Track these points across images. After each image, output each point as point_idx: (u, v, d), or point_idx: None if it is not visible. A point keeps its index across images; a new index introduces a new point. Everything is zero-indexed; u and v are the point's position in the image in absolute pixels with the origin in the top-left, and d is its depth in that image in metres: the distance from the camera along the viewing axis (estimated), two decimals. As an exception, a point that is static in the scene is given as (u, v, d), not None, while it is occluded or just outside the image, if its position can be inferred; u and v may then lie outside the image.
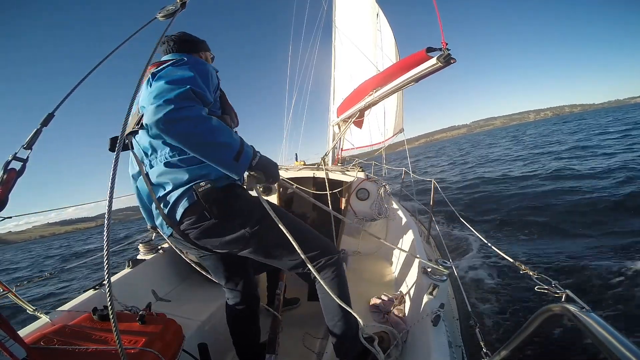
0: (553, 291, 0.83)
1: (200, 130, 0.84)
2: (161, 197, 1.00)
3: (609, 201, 5.58)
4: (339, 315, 1.16)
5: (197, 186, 0.96)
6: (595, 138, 16.80)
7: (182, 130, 0.83)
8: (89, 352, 0.91)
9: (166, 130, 0.82)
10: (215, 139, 0.87)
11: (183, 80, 0.89)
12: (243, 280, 1.33)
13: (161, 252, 1.93)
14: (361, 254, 2.51)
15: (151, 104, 0.83)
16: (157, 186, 1.00)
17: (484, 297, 3.30)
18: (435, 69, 1.63)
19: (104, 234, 0.63)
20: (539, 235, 4.91)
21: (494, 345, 0.84)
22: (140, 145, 1.04)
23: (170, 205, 0.98)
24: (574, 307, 0.58)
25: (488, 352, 0.95)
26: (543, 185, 7.75)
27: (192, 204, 0.96)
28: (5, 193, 0.74)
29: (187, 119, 0.82)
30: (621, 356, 0.45)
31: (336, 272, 1.17)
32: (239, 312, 1.34)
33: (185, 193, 0.97)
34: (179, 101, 0.83)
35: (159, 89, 0.86)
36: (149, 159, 1.02)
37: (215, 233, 1.02)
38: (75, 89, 0.94)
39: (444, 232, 5.22)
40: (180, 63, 0.98)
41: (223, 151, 0.89)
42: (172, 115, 0.81)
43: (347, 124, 3.13)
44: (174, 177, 0.97)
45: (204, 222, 0.99)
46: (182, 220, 0.98)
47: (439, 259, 1.36)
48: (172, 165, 0.97)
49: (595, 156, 10.72)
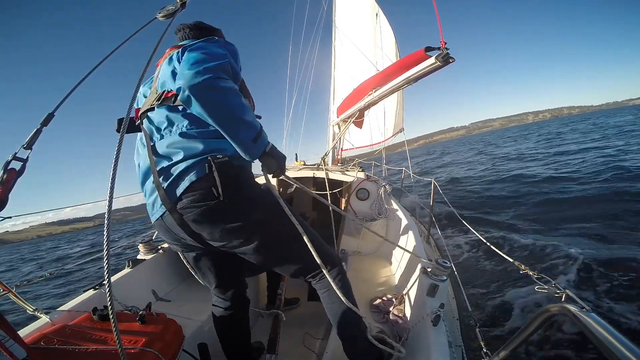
0: (553, 291, 0.83)
1: (231, 103, 0.84)
2: (164, 169, 0.92)
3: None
4: (352, 322, 1.13)
5: (214, 157, 0.90)
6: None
7: (217, 98, 0.82)
8: (89, 352, 0.91)
9: (200, 95, 0.80)
10: (242, 116, 0.86)
11: (220, 55, 0.91)
12: (235, 284, 1.26)
13: (161, 252, 1.93)
14: (361, 254, 2.51)
15: (189, 69, 0.82)
16: (163, 157, 0.94)
17: (484, 297, 3.30)
18: (434, 68, 1.64)
19: (104, 234, 0.63)
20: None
21: (494, 345, 0.84)
22: (154, 121, 1.00)
23: (174, 178, 0.90)
24: (574, 307, 0.58)
25: (488, 352, 0.95)
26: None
27: (201, 178, 0.89)
28: (5, 193, 0.74)
29: (222, 90, 0.82)
30: (621, 356, 0.44)
31: (342, 279, 1.15)
32: (228, 317, 1.26)
33: (196, 165, 0.90)
34: (219, 72, 0.83)
35: (196, 57, 0.86)
36: (163, 132, 0.97)
37: (219, 216, 0.93)
38: (75, 89, 0.94)
39: (444, 232, 5.22)
40: (212, 40, 0.98)
41: (246, 129, 0.88)
42: (210, 82, 0.80)
43: (347, 123, 3.13)
44: (188, 146, 0.92)
45: (209, 201, 0.89)
46: (182, 197, 0.89)
47: (439, 259, 1.36)
48: (188, 136, 0.93)
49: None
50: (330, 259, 1.14)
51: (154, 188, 0.93)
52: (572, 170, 9.15)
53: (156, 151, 0.96)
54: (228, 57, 0.92)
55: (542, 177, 8.90)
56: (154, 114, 1.00)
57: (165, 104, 0.96)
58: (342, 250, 2.57)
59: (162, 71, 1.02)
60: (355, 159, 4.46)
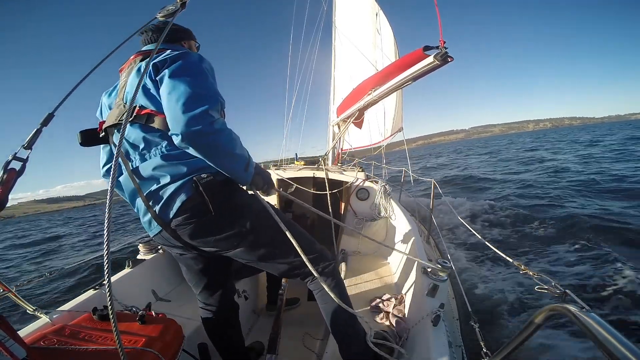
0: (553, 291, 0.83)
1: (224, 143, 0.86)
2: (152, 192, 0.94)
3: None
4: (344, 321, 1.13)
5: (199, 177, 0.92)
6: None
7: (212, 143, 0.84)
8: (89, 352, 0.91)
9: (197, 142, 0.82)
10: (233, 151, 0.90)
11: (210, 88, 0.89)
12: (221, 289, 1.25)
13: (161, 252, 1.93)
14: (361, 254, 2.51)
15: (182, 112, 0.80)
16: (149, 180, 0.94)
17: (484, 297, 3.30)
18: (433, 67, 1.64)
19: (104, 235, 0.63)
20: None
21: (494, 345, 0.84)
22: (129, 139, 0.97)
23: (164, 201, 0.92)
24: (574, 307, 0.58)
25: (488, 352, 0.95)
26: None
27: (190, 197, 0.91)
28: (5, 193, 0.74)
29: (217, 133, 0.83)
30: (621, 356, 0.44)
31: (335, 279, 1.15)
32: (216, 322, 1.26)
33: (184, 185, 0.92)
34: (213, 114, 0.83)
35: (185, 94, 0.83)
36: (140, 152, 0.96)
37: (211, 229, 0.97)
38: (75, 89, 0.93)
39: (444, 232, 5.22)
40: (187, 58, 0.92)
41: (237, 162, 0.93)
42: (207, 129, 0.81)
43: (346, 123, 3.13)
44: (173, 169, 0.93)
45: (200, 217, 0.94)
46: (175, 216, 0.92)
47: (439, 259, 1.36)
48: (171, 157, 0.93)
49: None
50: (322, 259, 1.14)
51: (146, 210, 0.95)
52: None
53: (139, 174, 0.96)
54: (217, 91, 0.90)
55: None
56: (128, 132, 0.96)
57: (138, 122, 0.94)
58: (342, 250, 2.57)
59: (129, 84, 0.98)
60: (355, 159, 4.46)
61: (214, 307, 1.25)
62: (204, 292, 1.24)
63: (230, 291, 1.32)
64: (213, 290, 1.24)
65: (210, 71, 0.96)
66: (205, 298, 1.25)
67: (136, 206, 1.02)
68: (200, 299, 1.27)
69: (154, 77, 0.91)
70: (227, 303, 1.28)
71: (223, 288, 1.26)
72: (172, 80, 0.86)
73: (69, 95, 0.93)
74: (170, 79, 0.87)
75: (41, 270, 6.65)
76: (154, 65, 0.91)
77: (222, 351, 1.32)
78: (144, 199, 0.93)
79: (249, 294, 2.01)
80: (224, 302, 1.27)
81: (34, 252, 10.79)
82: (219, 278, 1.25)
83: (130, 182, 0.95)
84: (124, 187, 1.03)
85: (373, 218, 2.66)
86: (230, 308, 1.31)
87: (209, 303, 1.25)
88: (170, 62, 0.91)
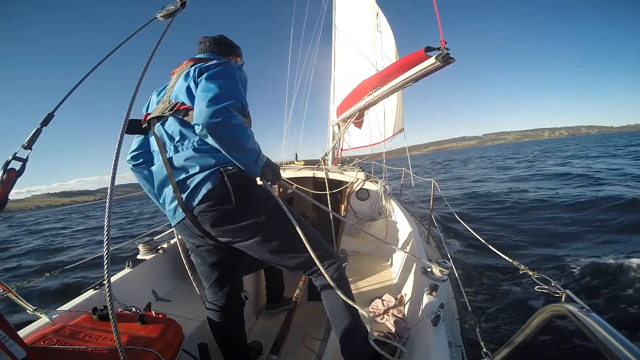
0: (553, 291, 0.83)
1: (239, 137, 0.96)
2: (181, 180, 1.03)
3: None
4: (348, 319, 1.17)
5: (225, 169, 1.01)
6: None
7: (228, 135, 0.94)
8: (89, 352, 0.91)
9: (215, 133, 0.91)
10: (246, 145, 0.99)
11: (236, 90, 1.00)
12: (231, 284, 1.30)
13: (161, 252, 1.93)
14: (361, 254, 2.51)
15: (207, 106, 0.91)
16: (180, 170, 1.04)
17: (483, 297, 3.30)
18: (434, 68, 1.63)
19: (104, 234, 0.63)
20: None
21: (494, 345, 0.84)
22: (167, 130, 1.09)
23: (192, 188, 1.01)
24: (574, 307, 0.58)
25: (488, 352, 0.95)
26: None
27: (216, 186, 1.00)
28: (5, 193, 0.74)
29: (233, 127, 0.94)
30: (621, 356, 0.44)
31: (341, 276, 1.19)
32: (223, 316, 1.30)
33: (211, 175, 1.01)
34: (232, 111, 0.94)
35: (214, 93, 0.94)
36: (175, 144, 1.07)
37: (230, 218, 1.04)
38: (75, 89, 0.93)
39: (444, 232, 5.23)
40: (226, 66, 1.05)
41: (248, 155, 1.02)
42: (224, 122, 0.91)
43: (346, 123, 3.13)
44: (203, 160, 1.02)
45: (222, 206, 1.02)
46: (200, 203, 1.01)
47: (439, 259, 1.36)
48: (201, 150, 1.03)
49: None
50: (329, 256, 1.20)
51: (174, 197, 1.05)
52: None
53: (172, 164, 1.06)
54: (242, 93, 1.02)
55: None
56: (167, 124, 1.09)
57: (177, 116, 1.06)
58: (342, 250, 2.57)
59: (177, 85, 1.10)
60: (355, 159, 4.46)
61: (221, 302, 1.29)
62: (213, 286, 1.29)
63: (238, 287, 1.37)
64: (223, 284, 1.29)
65: (243, 80, 1.08)
66: (214, 292, 1.30)
67: (163, 195, 1.12)
68: (208, 292, 1.32)
69: (196, 80, 1.03)
70: (234, 299, 1.33)
71: (232, 283, 1.31)
72: (207, 81, 0.99)
73: (69, 95, 0.93)
74: (206, 80, 0.99)
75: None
76: (200, 70, 1.04)
77: (224, 348, 1.34)
78: (175, 186, 1.03)
79: (249, 294, 2.02)
80: (232, 297, 1.31)
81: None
82: (229, 273, 1.29)
83: (162, 170, 1.07)
84: (155, 175, 1.12)
85: (373, 218, 2.66)
86: (237, 303, 1.35)
87: (217, 297, 1.30)
88: (212, 68, 1.04)
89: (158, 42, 0.91)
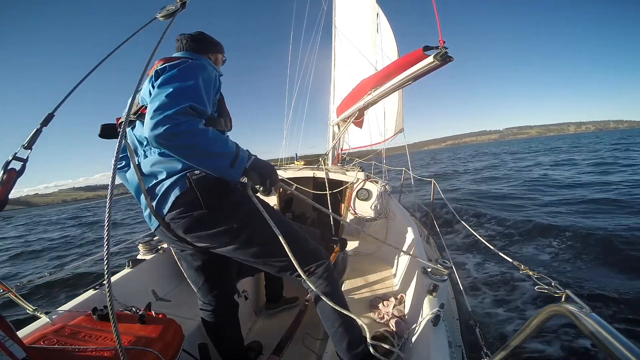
0: (553, 291, 0.83)
1: (197, 143, 0.86)
2: (151, 188, 1.00)
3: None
4: (338, 321, 1.12)
5: (192, 173, 0.96)
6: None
7: (179, 144, 0.84)
8: (89, 352, 0.91)
9: (164, 144, 0.84)
10: (210, 149, 0.88)
11: (184, 93, 0.88)
12: (220, 287, 1.27)
13: (161, 252, 1.92)
14: (361, 254, 2.51)
15: (150, 118, 0.83)
16: (149, 176, 1.01)
17: (484, 297, 3.30)
18: (433, 67, 1.64)
19: (104, 234, 0.63)
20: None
21: (494, 345, 0.84)
22: (135, 135, 1.05)
23: (161, 195, 0.97)
24: (574, 307, 0.58)
25: (488, 352, 0.95)
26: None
27: (183, 192, 0.95)
28: (5, 193, 0.74)
29: (185, 133, 0.83)
30: (622, 356, 0.44)
31: (328, 278, 1.14)
32: (215, 320, 1.28)
33: (179, 181, 0.97)
34: (178, 117, 0.83)
35: (159, 100, 0.85)
36: (144, 149, 1.04)
37: (202, 224, 0.99)
38: (75, 89, 0.94)
39: (444, 232, 5.23)
40: (183, 66, 0.96)
41: (217, 161, 0.91)
42: (170, 131, 0.81)
43: (346, 123, 3.13)
44: (168, 165, 0.98)
45: (192, 212, 0.97)
46: (170, 210, 0.96)
47: (439, 259, 1.36)
48: (166, 155, 0.98)
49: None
50: (315, 258, 1.14)
51: (147, 204, 1.01)
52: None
53: (141, 169, 1.02)
54: (195, 93, 0.90)
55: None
56: (136, 128, 1.05)
57: (141, 120, 1.01)
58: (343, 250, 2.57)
59: (144, 87, 1.03)
60: (355, 159, 4.46)
61: (212, 306, 1.27)
62: (202, 289, 1.27)
63: (230, 290, 1.33)
64: (211, 287, 1.26)
65: (207, 80, 0.97)
66: (204, 295, 1.28)
67: (140, 201, 1.08)
68: (199, 296, 1.30)
69: (154, 83, 0.95)
70: (225, 301, 1.30)
71: (222, 286, 1.28)
72: (158, 88, 0.90)
73: (69, 95, 0.93)
74: (157, 88, 0.91)
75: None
76: (156, 72, 0.97)
77: (220, 350, 1.33)
78: (145, 193, 0.99)
79: (249, 294, 2.01)
80: (223, 301, 1.28)
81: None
82: (217, 276, 1.26)
83: (135, 177, 1.01)
84: (130, 181, 1.10)
85: (373, 218, 2.66)
86: (229, 307, 1.32)
87: (208, 301, 1.28)
88: (167, 70, 0.95)
89: (158, 42, 0.91)
